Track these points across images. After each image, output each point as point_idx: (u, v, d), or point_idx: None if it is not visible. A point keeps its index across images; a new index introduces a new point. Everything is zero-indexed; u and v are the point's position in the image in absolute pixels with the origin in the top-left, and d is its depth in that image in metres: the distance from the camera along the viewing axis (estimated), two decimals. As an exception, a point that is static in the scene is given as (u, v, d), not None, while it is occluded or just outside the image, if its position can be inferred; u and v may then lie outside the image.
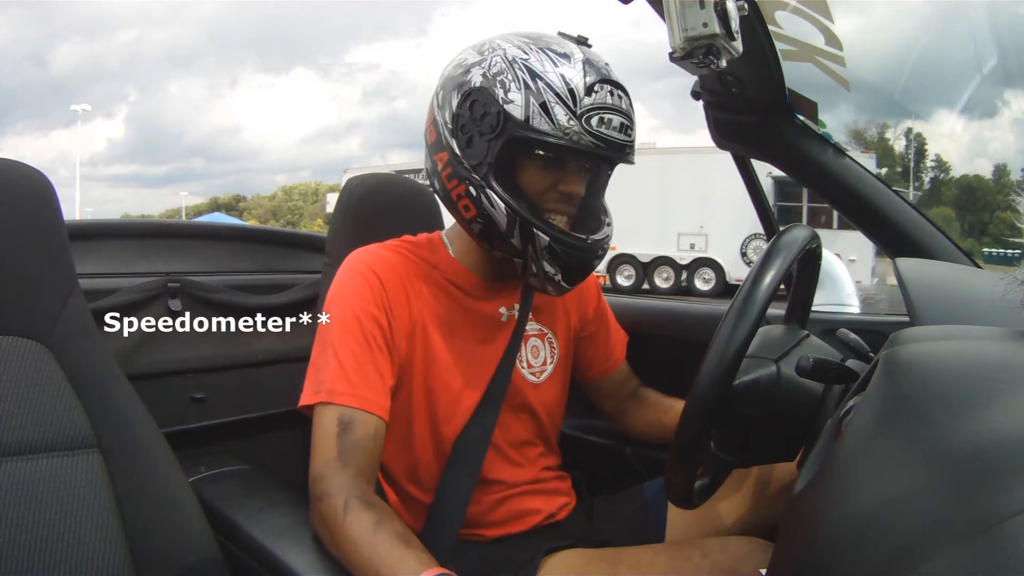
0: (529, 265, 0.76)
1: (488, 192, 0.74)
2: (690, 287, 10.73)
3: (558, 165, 0.76)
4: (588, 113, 0.70)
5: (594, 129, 0.71)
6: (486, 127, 0.73)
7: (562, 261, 0.75)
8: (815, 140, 1.02)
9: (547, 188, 0.76)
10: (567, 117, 0.70)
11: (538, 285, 0.79)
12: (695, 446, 0.64)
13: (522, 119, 0.71)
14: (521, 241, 0.74)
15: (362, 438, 0.71)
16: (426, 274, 0.83)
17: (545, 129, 0.70)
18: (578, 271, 0.78)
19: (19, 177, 0.69)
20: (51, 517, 0.62)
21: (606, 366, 1.00)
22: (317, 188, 57.55)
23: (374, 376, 0.75)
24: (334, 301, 0.79)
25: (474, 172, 0.75)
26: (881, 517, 0.30)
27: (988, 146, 31.01)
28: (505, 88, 0.72)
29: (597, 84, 0.71)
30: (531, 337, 0.91)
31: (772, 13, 0.85)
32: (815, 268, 0.77)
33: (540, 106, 0.70)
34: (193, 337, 1.19)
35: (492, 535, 0.85)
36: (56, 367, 0.67)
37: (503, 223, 0.74)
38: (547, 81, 0.71)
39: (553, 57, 0.72)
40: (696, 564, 0.75)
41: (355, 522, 0.64)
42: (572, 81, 0.71)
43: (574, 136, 0.71)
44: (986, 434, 0.31)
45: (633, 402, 1.03)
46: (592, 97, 0.71)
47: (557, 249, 0.74)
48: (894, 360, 0.43)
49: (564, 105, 0.70)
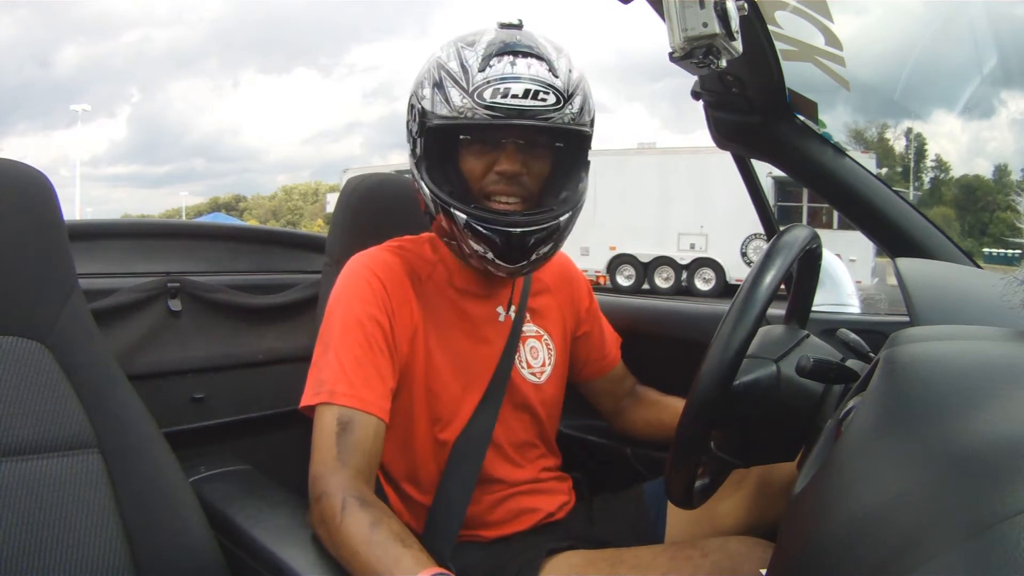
0: (461, 245, 0.78)
1: (421, 182, 0.78)
2: (690, 287, 10.72)
3: (488, 147, 0.77)
4: (480, 88, 0.73)
5: (487, 101, 0.72)
6: (415, 126, 0.79)
7: (485, 238, 0.75)
8: (815, 140, 1.02)
9: (484, 171, 0.78)
10: (460, 96, 0.73)
11: (479, 266, 0.80)
12: (695, 446, 0.64)
13: (430, 110, 0.75)
14: (447, 222, 0.77)
15: (361, 439, 0.71)
16: (428, 275, 0.84)
17: (444, 113, 0.74)
18: (508, 248, 0.76)
19: (19, 177, 0.69)
20: (51, 517, 0.62)
21: (602, 364, 1.00)
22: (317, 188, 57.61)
23: (375, 378, 0.75)
24: (337, 303, 0.79)
25: (415, 168, 0.80)
26: (881, 517, 0.30)
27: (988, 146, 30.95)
28: (422, 87, 0.77)
29: (494, 58, 0.73)
30: (528, 339, 0.91)
31: (772, 13, 0.85)
32: (815, 268, 0.77)
33: (441, 95, 0.74)
34: (193, 337, 1.19)
35: (492, 535, 0.85)
36: (56, 367, 0.67)
37: (433, 209, 0.78)
38: (447, 70, 0.75)
39: (459, 47, 0.76)
40: (696, 564, 0.75)
41: (353, 522, 0.64)
42: (467, 62, 0.74)
43: (468, 112, 0.73)
44: (986, 434, 0.31)
45: (630, 400, 1.03)
46: (486, 72, 0.73)
47: (476, 226, 0.75)
48: (894, 360, 0.43)
49: (458, 86, 0.74)
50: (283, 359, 1.28)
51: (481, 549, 0.84)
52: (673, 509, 0.91)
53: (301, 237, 1.50)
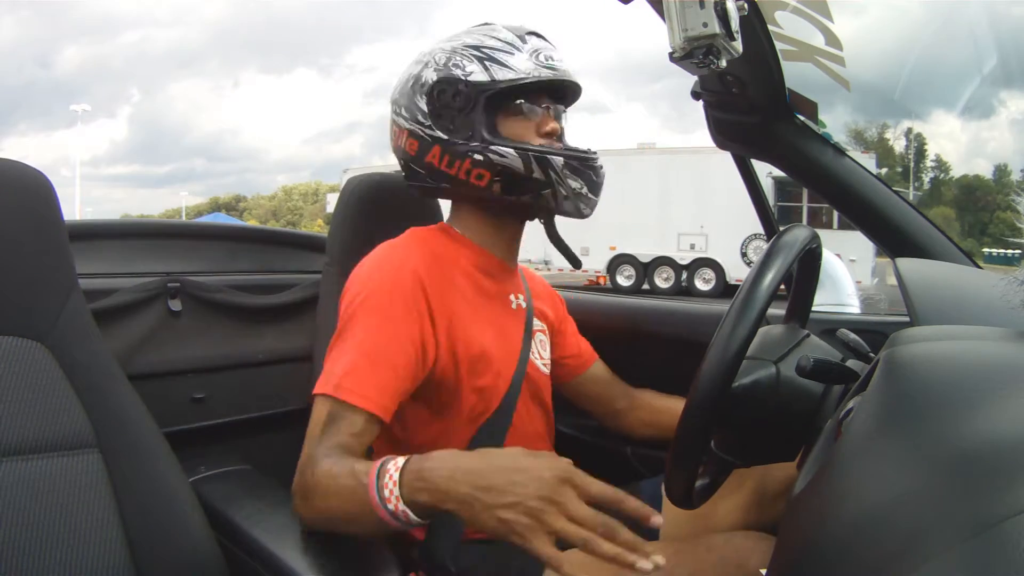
0: (558, 190, 0.81)
1: (493, 149, 0.79)
2: (690, 287, 10.72)
3: (531, 113, 0.83)
4: (534, 52, 0.81)
5: (546, 63, 0.81)
6: (461, 103, 0.80)
7: (582, 173, 0.81)
8: (815, 140, 1.02)
9: (532, 135, 0.82)
10: (521, 60, 0.80)
11: (571, 209, 0.83)
12: (695, 447, 0.64)
13: (489, 79, 0.79)
14: (542, 171, 0.80)
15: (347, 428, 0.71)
16: (453, 259, 0.85)
17: (511, 76, 0.79)
18: (596, 182, 0.83)
19: (19, 177, 0.69)
20: (51, 517, 0.62)
21: (579, 361, 1.02)
22: (317, 188, 57.62)
23: (387, 374, 0.73)
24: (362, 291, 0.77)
25: (471, 143, 0.80)
26: (881, 517, 0.30)
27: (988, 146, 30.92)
28: (460, 67, 0.80)
29: (525, 35, 0.82)
30: (537, 332, 0.93)
31: (772, 13, 0.85)
32: (815, 268, 0.77)
33: (497, 63, 0.80)
34: (193, 337, 1.19)
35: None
36: (56, 367, 0.67)
37: (520, 166, 0.79)
38: (489, 47, 0.80)
39: (480, 32, 0.83)
40: (701, 559, 0.75)
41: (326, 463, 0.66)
42: (507, 38, 0.81)
43: (534, 72, 0.80)
44: (986, 434, 0.31)
45: (626, 403, 1.03)
46: (528, 43, 0.82)
47: (574, 163, 0.80)
48: (894, 360, 0.43)
49: (515, 54, 0.80)
50: (283, 359, 1.28)
51: (484, 547, 0.84)
52: (669, 508, 0.91)
53: (301, 237, 1.50)
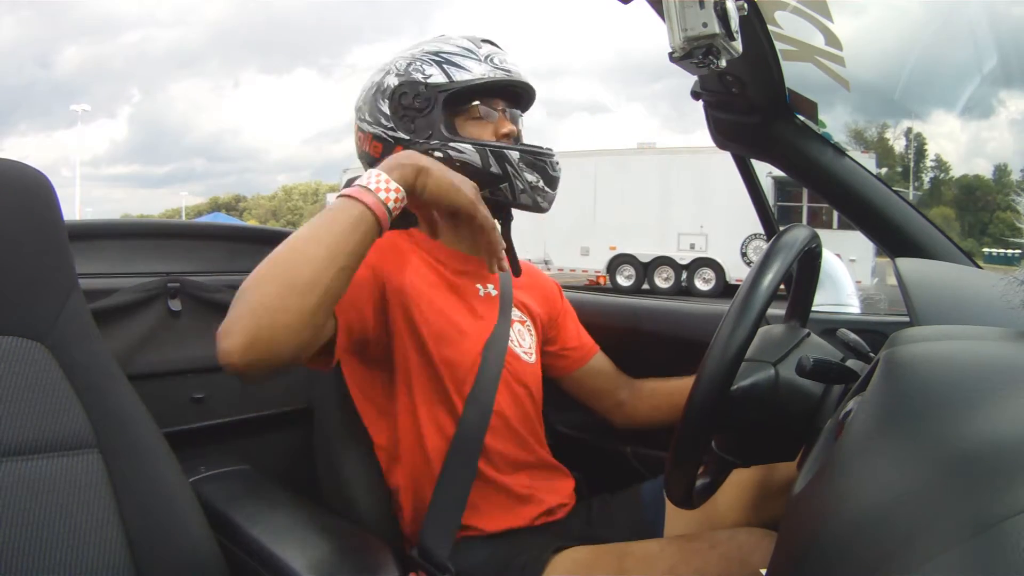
0: (515, 183, 0.85)
1: (452, 146, 0.84)
2: (690, 287, 10.72)
3: (487, 115, 0.88)
4: (488, 56, 0.87)
5: (499, 66, 0.87)
6: (421, 104, 0.85)
7: (537, 167, 0.86)
8: (815, 140, 1.02)
9: (488, 138, 0.87)
10: (476, 63, 0.86)
11: (528, 202, 0.87)
12: (695, 447, 0.64)
13: (446, 81, 0.85)
14: (500, 166, 0.84)
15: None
16: (411, 251, 0.88)
17: (467, 78, 0.85)
18: (551, 175, 0.87)
19: (19, 177, 0.69)
20: (51, 517, 0.62)
21: (581, 352, 1.03)
22: (317, 188, 57.61)
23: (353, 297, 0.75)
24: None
25: (431, 141, 0.85)
26: (881, 517, 0.30)
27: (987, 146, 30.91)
28: (420, 71, 0.86)
29: (480, 42, 0.89)
30: (515, 322, 0.94)
31: (772, 13, 0.85)
32: (815, 268, 0.77)
33: (455, 66, 0.85)
34: (193, 337, 1.19)
35: (493, 528, 0.85)
36: (56, 367, 0.67)
37: (478, 160, 0.84)
38: (447, 52, 0.86)
39: (438, 40, 0.89)
40: (705, 555, 0.75)
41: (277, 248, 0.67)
42: (462, 44, 0.88)
43: (488, 74, 0.86)
44: (986, 434, 0.31)
45: (628, 394, 1.03)
46: (482, 49, 0.88)
47: (529, 158, 0.85)
48: (894, 360, 0.43)
49: (471, 58, 0.86)
50: None
51: (483, 545, 0.84)
52: (672, 508, 0.91)
53: (301, 237, 1.49)
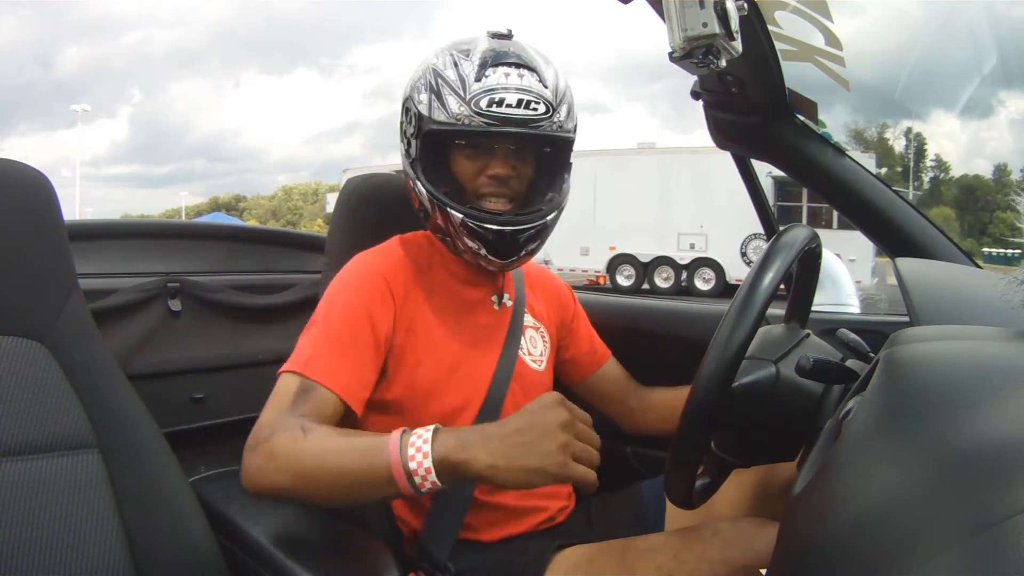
0: (455, 242, 0.82)
1: (418, 182, 0.82)
2: (690, 287, 10.71)
3: (480, 151, 0.81)
4: (477, 97, 0.77)
5: (484, 110, 0.77)
6: (412, 128, 0.82)
7: (479, 236, 0.79)
8: (815, 140, 1.02)
9: (476, 174, 0.82)
10: (458, 104, 0.77)
11: (472, 261, 0.84)
12: (695, 447, 0.64)
13: (427, 115, 0.79)
14: (443, 220, 0.80)
15: (318, 405, 0.72)
16: (428, 265, 0.87)
17: (442, 119, 0.78)
18: (500, 245, 0.80)
19: (19, 177, 0.69)
20: (51, 517, 0.62)
21: (593, 359, 1.02)
22: (317, 188, 57.59)
23: (352, 362, 0.77)
24: (332, 289, 0.82)
25: (411, 167, 0.83)
26: (881, 517, 0.30)
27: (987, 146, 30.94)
28: (418, 92, 0.81)
29: (489, 68, 0.78)
30: (527, 328, 0.94)
31: (772, 13, 0.85)
32: (815, 268, 0.77)
33: (438, 100, 0.78)
34: (193, 337, 1.19)
35: (492, 537, 0.85)
36: (56, 367, 0.67)
37: (429, 207, 0.82)
38: (444, 77, 0.79)
39: (455, 55, 0.80)
40: (707, 542, 0.76)
41: (318, 433, 0.66)
42: (464, 72, 0.78)
43: (465, 120, 0.77)
44: (986, 434, 0.31)
45: (637, 402, 1.03)
46: (482, 82, 0.77)
47: (471, 225, 0.79)
48: (894, 360, 0.43)
49: (455, 95, 0.77)
50: (283, 359, 1.27)
51: (481, 551, 0.84)
52: (672, 508, 0.91)
53: (301, 237, 1.50)
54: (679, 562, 0.74)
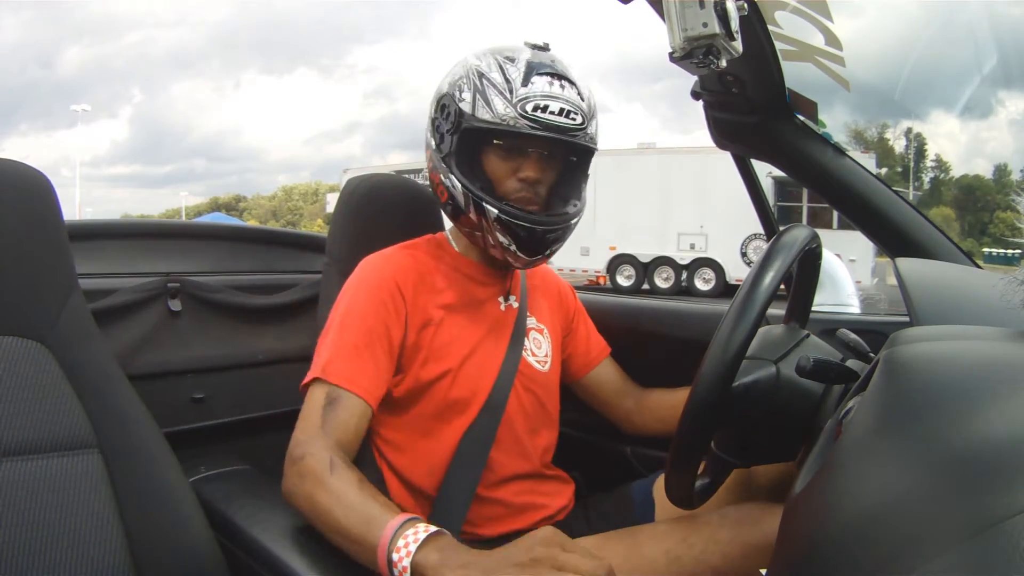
0: (487, 237, 0.84)
1: (451, 176, 0.84)
2: (690, 287, 10.71)
3: (514, 153, 0.84)
4: (523, 100, 0.80)
5: (529, 114, 0.80)
6: (449, 124, 0.84)
7: (512, 232, 0.83)
8: (815, 140, 1.02)
9: (508, 175, 0.84)
10: (504, 105, 0.81)
11: (499, 257, 0.86)
12: (695, 447, 0.64)
13: (471, 113, 0.82)
14: (477, 215, 0.83)
15: (345, 417, 0.76)
16: (436, 266, 0.89)
17: (487, 118, 0.81)
18: (531, 243, 0.84)
19: (19, 177, 0.69)
20: (51, 517, 0.62)
21: (588, 359, 1.04)
22: (317, 188, 57.61)
23: (369, 364, 0.80)
24: (346, 294, 0.85)
25: (443, 162, 0.85)
26: (881, 517, 0.30)
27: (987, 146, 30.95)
28: (461, 90, 0.84)
29: (535, 76, 0.82)
30: (531, 330, 0.95)
31: (772, 13, 0.85)
32: (815, 268, 0.77)
33: (484, 100, 0.81)
34: (193, 337, 1.19)
35: (493, 533, 0.85)
36: (56, 367, 0.67)
37: (462, 202, 0.84)
38: (490, 79, 0.82)
39: (500, 60, 0.83)
40: (715, 524, 0.77)
41: (342, 477, 0.68)
42: (511, 76, 0.82)
43: (510, 121, 0.80)
44: (986, 434, 0.31)
45: (635, 403, 1.03)
46: (528, 87, 0.81)
47: (505, 220, 0.82)
48: (894, 360, 0.43)
49: (502, 96, 0.81)
50: (283, 359, 1.28)
51: (483, 546, 0.84)
52: (661, 508, 0.92)
53: (301, 237, 1.50)
54: (688, 545, 0.76)
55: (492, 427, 0.86)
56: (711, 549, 0.75)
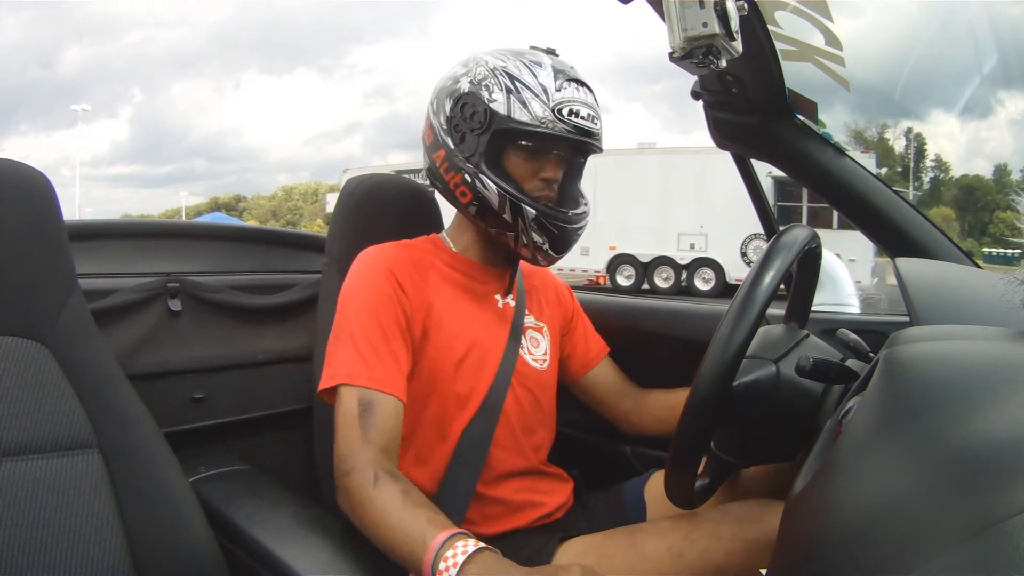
0: (520, 237, 0.85)
1: (481, 177, 0.84)
2: (690, 287, 10.71)
3: (538, 154, 0.85)
4: (559, 105, 0.82)
5: (566, 118, 0.82)
6: (475, 124, 0.84)
7: (548, 231, 0.85)
8: (815, 140, 1.02)
9: (530, 175, 0.86)
10: (542, 108, 0.82)
11: (528, 256, 0.88)
12: (695, 447, 0.64)
13: (505, 114, 0.82)
14: (512, 216, 0.84)
15: (382, 418, 0.76)
16: (431, 263, 0.89)
17: (525, 120, 0.82)
18: (562, 241, 0.87)
19: (19, 177, 0.69)
20: (51, 517, 0.62)
21: (586, 359, 1.04)
22: (317, 188, 57.62)
23: (390, 360, 0.80)
24: (350, 294, 0.84)
25: (468, 162, 0.85)
26: (881, 517, 0.30)
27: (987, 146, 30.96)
28: (489, 91, 0.84)
29: (565, 82, 0.84)
30: (529, 329, 0.95)
31: (772, 13, 0.85)
32: (815, 268, 0.77)
33: (519, 102, 0.82)
34: (193, 337, 1.19)
35: (492, 531, 0.85)
36: (56, 367, 0.67)
37: (496, 202, 0.84)
38: (523, 82, 0.83)
39: (527, 63, 0.85)
40: (718, 520, 0.77)
41: (384, 491, 0.68)
42: (544, 81, 0.83)
43: (549, 124, 0.82)
44: (986, 434, 0.31)
45: (632, 403, 1.03)
46: (562, 93, 0.83)
47: (544, 221, 0.84)
48: (894, 360, 0.43)
49: (539, 99, 0.82)
50: (283, 359, 1.28)
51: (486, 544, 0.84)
52: (653, 509, 0.92)
53: (301, 237, 1.50)
54: (690, 541, 0.76)
55: (491, 424, 0.86)
56: (714, 546, 0.75)
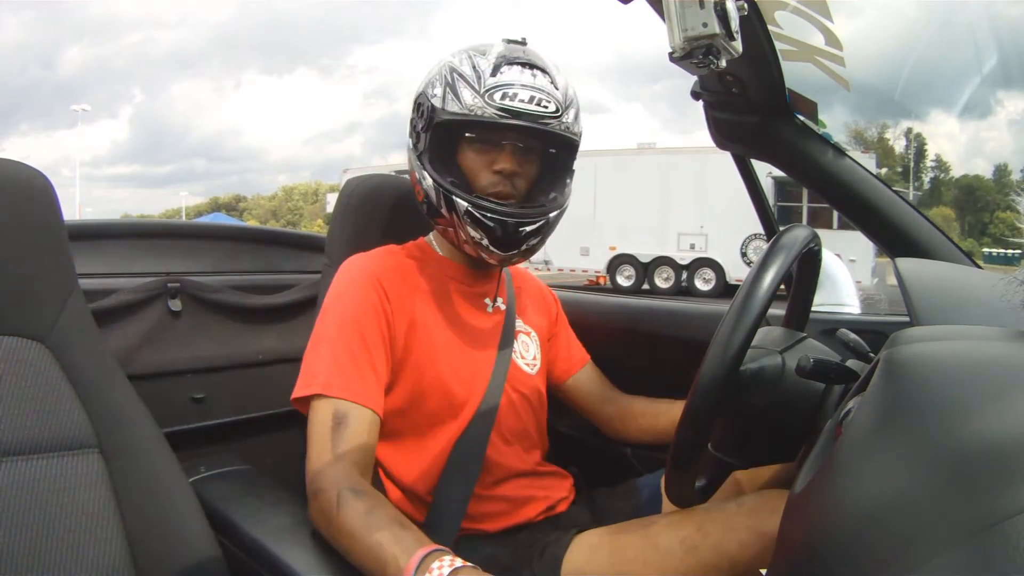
0: (458, 232, 0.82)
1: (423, 172, 0.83)
2: (690, 287, 10.71)
3: (488, 145, 0.83)
4: (491, 90, 0.79)
5: (496, 103, 0.79)
6: (422, 122, 0.83)
7: (483, 225, 0.80)
8: (815, 140, 1.02)
9: (483, 168, 0.83)
10: (472, 96, 0.79)
11: (472, 253, 0.84)
12: (695, 447, 0.63)
13: (440, 106, 0.81)
14: (447, 210, 0.82)
15: (356, 432, 0.74)
16: (420, 268, 0.88)
17: (455, 109, 0.80)
18: (504, 237, 0.81)
19: (19, 177, 0.69)
20: (51, 517, 0.62)
21: (569, 365, 1.04)
22: (317, 188, 57.62)
23: (368, 372, 0.78)
24: (332, 301, 0.83)
25: (417, 160, 0.84)
26: (880, 517, 0.30)
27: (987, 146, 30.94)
28: (432, 87, 0.83)
29: (505, 66, 0.80)
30: (519, 333, 0.95)
31: (772, 13, 0.85)
32: (815, 268, 0.77)
33: (453, 93, 0.80)
34: (193, 337, 1.19)
35: (495, 527, 0.85)
36: (56, 367, 0.67)
37: (434, 197, 0.82)
38: (459, 72, 0.81)
39: (472, 54, 0.83)
40: (732, 511, 0.76)
41: (348, 512, 0.66)
42: (480, 67, 0.81)
43: (478, 111, 0.79)
44: (986, 434, 0.31)
45: (612, 409, 1.03)
46: (497, 77, 0.80)
47: (476, 214, 0.80)
48: (894, 360, 0.43)
49: (470, 87, 0.80)
50: (283, 359, 1.28)
51: (489, 541, 0.84)
52: (667, 503, 0.91)
53: (301, 237, 1.50)
54: (704, 533, 0.75)
55: (486, 431, 0.85)
56: (728, 538, 0.73)
